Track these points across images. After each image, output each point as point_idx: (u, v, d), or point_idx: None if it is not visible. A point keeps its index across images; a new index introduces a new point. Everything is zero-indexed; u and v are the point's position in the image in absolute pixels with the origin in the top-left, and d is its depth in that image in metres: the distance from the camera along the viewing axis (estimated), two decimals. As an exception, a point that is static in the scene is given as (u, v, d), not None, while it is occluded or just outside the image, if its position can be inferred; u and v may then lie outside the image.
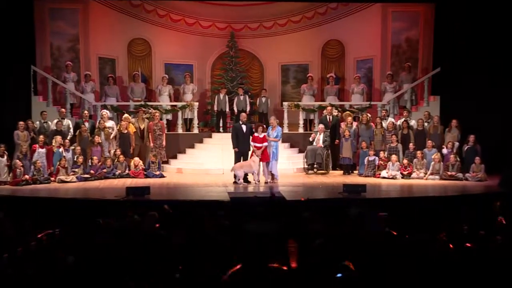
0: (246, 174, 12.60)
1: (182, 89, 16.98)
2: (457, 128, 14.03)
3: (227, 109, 16.58)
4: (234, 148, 12.95)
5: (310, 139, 14.58)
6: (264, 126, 13.04)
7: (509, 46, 14.11)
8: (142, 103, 16.02)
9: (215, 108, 16.79)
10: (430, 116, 14.67)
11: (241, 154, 12.87)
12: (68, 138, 13.86)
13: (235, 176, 12.53)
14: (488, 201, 8.86)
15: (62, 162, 12.95)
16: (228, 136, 14.07)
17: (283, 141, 14.09)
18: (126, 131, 14.27)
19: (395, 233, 5.90)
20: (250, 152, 12.84)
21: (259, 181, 12.52)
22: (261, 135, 12.65)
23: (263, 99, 16.85)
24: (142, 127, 14.69)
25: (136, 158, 14.08)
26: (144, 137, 14.61)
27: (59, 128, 13.88)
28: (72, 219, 7.65)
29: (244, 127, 12.96)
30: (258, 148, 12.57)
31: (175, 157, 15.52)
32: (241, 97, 16.58)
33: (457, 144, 13.82)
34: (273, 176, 12.81)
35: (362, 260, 4.61)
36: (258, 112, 17.09)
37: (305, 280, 4.08)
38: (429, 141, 13.83)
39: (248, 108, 16.46)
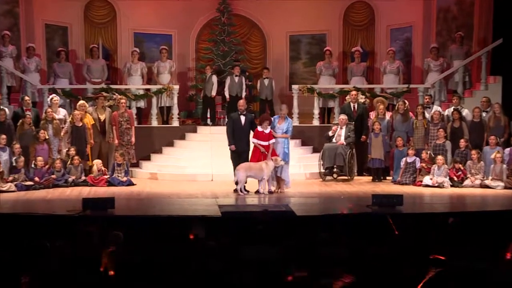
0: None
1: (157, 67, 16.95)
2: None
3: (214, 94, 16.52)
4: (230, 145, 12.92)
5: (330, 133, 14.56)
6: (272, 118, 12.97)
7: None
8: (103, 86, 16.00)
9: (201, 93, 16.77)
10: (489, 103, 14.66)
11: (238, 154, 12.85)
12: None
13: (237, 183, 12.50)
14: None
15: (-5, 165, 12.94)
16: (219, 130, 14.06)
17: (292, 137, 14.06)
18: (81, 124, 14.25)
19: (443, 258, 5.93)
20: (250, 152, 12.82)
21: (268, 192, 12.53)
22: (267, 130, 12.63)
23: (266, 81, 16.83)
24: (102, 118, 14.67)
25: (98, 161, 14.05)
26: (106, 132, 14.59)
27: (2, 119, 13.78)
28: (10, 241, 7.63)
29: (242, 119, 12.93)
30: (264, 146, 12.55)
31: (148, 158, 15.51)
32: (236, 79, 16.56)
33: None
34: (281, 183, 12.78)
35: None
36: (259, 99, 17.06)
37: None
38: (492, 136, 13.77)
39: (244, 93, 16.44)
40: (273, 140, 12.64)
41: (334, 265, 5.40)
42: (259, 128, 12.70)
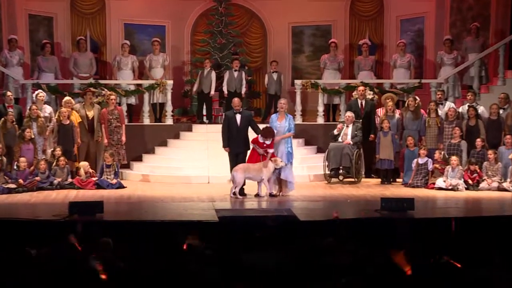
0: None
1: (149, 61, 16.96)
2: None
3: (212, 92, 16.54)
4: (224, 147, 12.95)
5: (335, 132, 14.57)
6: (275, 131, 12.86)
7: None
8: (91, 81, 16.01)
9: (195, 89, 16.77)
10: (507, 99, 14.66)
11: (235, 155, 12.86)
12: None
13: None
14: None
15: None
16: (215, 129, 14.05)
17: (295, 136, 14.06)
18: (67, 122, 14.26)
19: (459, 265, 5.96)
20: (248, 153, 12.83)
21: (269, 195, 12.55)
22: (268, 141, 12.62)
23: (274, 76, 16.80)
24: (90, 115, 14.68)
25: (84, 163, 14.04)
26: (95, 130, 14.60)
27: None
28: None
29: (238, 117, 12.94)
30: (264, 150, 12.57)
31: (139, 159, 15.53)
32: (235, 73, 16.56)
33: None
34: (283, 185, 12.79)
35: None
36: (268, 94, 16.99)
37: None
38: (508, 136, 13.78)
39: (244, 89, 16.44)
40: (271, 150, 12.60)
41: (339, 273, 5.41)
42: (260, 139, 12.66)
